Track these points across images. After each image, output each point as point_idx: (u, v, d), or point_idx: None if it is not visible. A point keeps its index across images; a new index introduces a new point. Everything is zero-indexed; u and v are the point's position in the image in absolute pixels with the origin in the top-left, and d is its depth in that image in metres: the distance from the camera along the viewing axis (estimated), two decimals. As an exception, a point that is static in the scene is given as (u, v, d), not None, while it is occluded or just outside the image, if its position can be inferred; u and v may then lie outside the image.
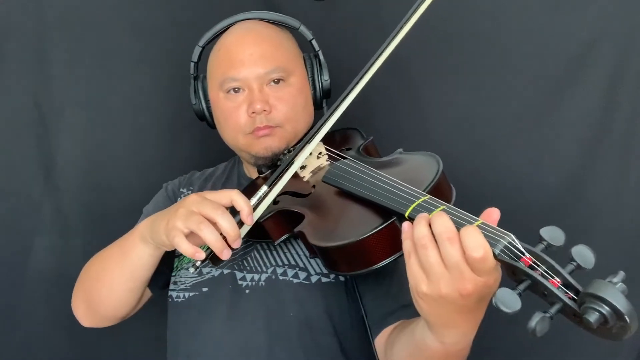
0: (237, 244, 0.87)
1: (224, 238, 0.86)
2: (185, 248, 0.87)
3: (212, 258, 0.88)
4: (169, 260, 1.12)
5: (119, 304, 1.10)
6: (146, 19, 1.46)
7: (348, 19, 1.38)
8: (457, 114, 1.37)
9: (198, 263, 0.89)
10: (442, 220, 0.69)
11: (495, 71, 1.34)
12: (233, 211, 0.89)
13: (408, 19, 0.94)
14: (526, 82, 1.33)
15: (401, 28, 0.94)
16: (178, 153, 1.34)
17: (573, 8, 1.29)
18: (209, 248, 0.86)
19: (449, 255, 0.68)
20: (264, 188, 0.92)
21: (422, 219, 0.72)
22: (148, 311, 1.20)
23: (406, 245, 0.73)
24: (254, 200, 0.91)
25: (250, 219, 0.89)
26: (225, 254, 0.86)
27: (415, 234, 0.71)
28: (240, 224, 0.88)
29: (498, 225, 0.71)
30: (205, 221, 0.86)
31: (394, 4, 1.03)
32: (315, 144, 0.97)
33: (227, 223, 0.86)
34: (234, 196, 0.89)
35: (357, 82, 0.97)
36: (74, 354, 1.52)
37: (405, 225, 0.74)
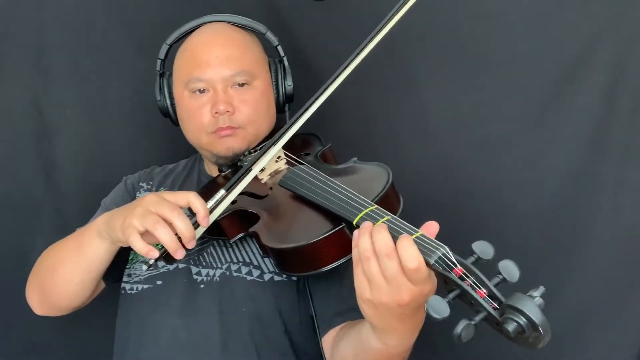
0: (191, 245, 0.89)
1: (180, 238, 0.88)
2: (140, 247, 0.89)
3: (166, 257, 0.91)
4: (125, 253, 1.14)
5: (73, 295, 1.11)
6: (146, 19, 1.46)
7: (348, 19, 1.38)
8: (457, 114, 1.37)
9: (151, 261, 0.92)
10: (381, 236, 0.75)
11: (495, 71, 1.34)
12: (190, 212, 0.91)
13: (384, 25, 0.97)
14: (526, 82, 1.33)
15: (374, 35, 0.97)
16: (179, 153, 1.35)
17: (573, 8, 1.29)
18: (163, 247, 0.89)
19: (388, 269, 0.74)
20: (222, 192, 0.94)
21: (365, 230, 0.77)
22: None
23: (354, 253, 0.78)
24: (211, 203, 0.93)
25: (205, 222, 0.91)
26: (179, 254, 0.88)
27: (359, 246, 0.76)
28: (196, 225, 0.91)
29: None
30: (161, 221, 0.88)
31: (394, 4, 1.05)
32: (277, 150, 1.00)
33: (182, 224, 0.88)
34: (191, 198, 0.91)
35: (324, 90, 0.99)
36: (73, 353, 1.53)
37: (356, 233, 0.79)
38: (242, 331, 1.07)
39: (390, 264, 0.73)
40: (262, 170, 1.09)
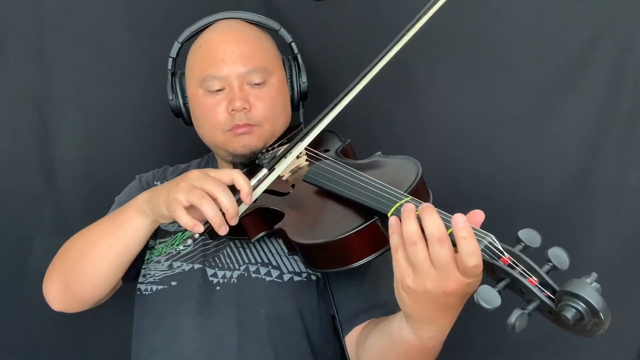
0: (234, 221, 0.89)
1: (224, 215, 0.88)
2: (186, 221, 0.88)
3: (210, 232, 0.91)
4: (142, 252, 1.11)
5: (99, 284, 1.06)
6: (146, 19, 1.45)
7: (348, 19, 1.38)
8: (457, 114, 1.37)
9: (196, 236, 0.91)
10: (433, 220, 0.71)
11: (495, 71, 1.34)
12: (232, 190, 0.90)
13: (410, 28, 0.96)
14: (526, 82, 1.33)
15: (402, 36, 0.96)
16: (180, 153, 1.33)
17: (573, 8, 1.29)
18: (207, 223, 0.89)
19: (438, 255, 0.70)
20: (264, 171, 0.94)
21: (410, 213, 0.73)
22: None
23: (394, 239, 0.75)
24: (253, 181, 0.93)
25: (249, 199, 0.90)
26: (223, 230, 0.88)
27: (405, 230, 0.73)
28: (239, 202, 0.90)
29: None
30: (206, 196, 0.88)
31: (394, 4, 1.04)
32: (314, 136, 0.98)
33: (227, 200, 0.88)
34: (235, 175, 0.90)
35: (353, 87, 0.97)
36: (73, 353, 1.50)
37: (393, 220, 0.75)
38: (260, 334, 1.05)
39: (442, 250, 0.70)
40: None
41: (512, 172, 1.36)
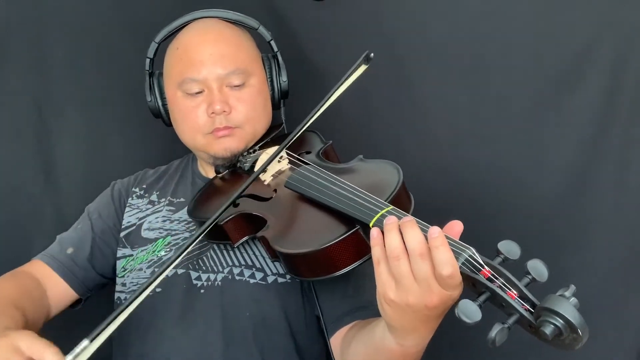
0: None
1: None
2: None
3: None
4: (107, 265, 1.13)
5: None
6: (147, 18, 1.43)
7: (348, 19, 1.37)
8: (456, 115, 1.37)
9: None
10: (414, 234, 0.71)
11: (495, 71, 1.34)
12: None
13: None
14: (526, 82, 1.33)
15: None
16: (180, 153, 1.32)
17: (573, 8, 1.29)
18: None
19: (420, 270, 0.71)
20: (85, 342, 0.81)
21: (393, 227, 0.73)
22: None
23: (376, 252, 0.75)
24: (69, 357, 0.80)
25: None
26: None
27: (387, 245, 0.73)
28: None
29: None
30: None
31: (395, 4, 1.02)
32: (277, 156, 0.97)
33: None
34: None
35: (333, 93, 0.96)
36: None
37: (374, 231, 0.75)
38: (246, 336, 1.05)
39: (423, 265, 0.70)
40: (265, 171, 1.06)
41: (512, 172, 1.36)
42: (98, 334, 0.82)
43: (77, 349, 0.80)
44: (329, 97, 0.94)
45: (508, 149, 1.36)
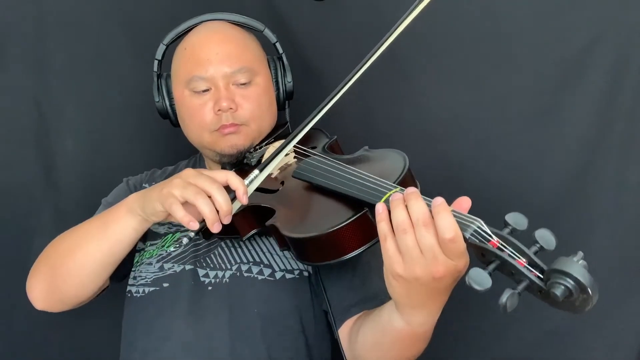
0: (227, 220, 0.90)
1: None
2: (182, 215, 0.89)
3: (204, 232, 0.91)
4: (131, 254, 1.11)
5: (85, 283, 1.05)
6: (146, 18, 1.46)
7: (348, 19, 1.39)
8: (457, 114, 1.38)
9: (191, 234, 0.90)
10: (418, 205, 0.73)
11: (495, 71, 1.34)
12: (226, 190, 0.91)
13: (399, 24, 0.95)
14: (526, 82, 1.34)
15: (391, 34, 0.96)
16: (180, 153, 1.33)
17: (573, 8, 1.30)
18: (202, 221, 0.89)
19: (425, 240, 0.72)
20: (255, 172, 0.95)
21: (399, 202, 0.75)
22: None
23: (382, 227, 0.76)
24: (246, 182, 0.94)
25: (245, 198, 0.91)
26: (216, 227, 0.88)
27: (394, 219, 0.74)
28: (233, 201, 0.91)
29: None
30: (202, 192, 0.88)
31: (395, 4, 1.04)
32: (304, 134, 0.99)
33: (222, 197, 0.88)
34: (230, 176, 0.91)
35: (344, 86, 0.98)
36: (73, 353, 1.50)
37: (380, 207, 0.77)
38: (254, 333, 1.05)
39: (427, 234, 0.71)
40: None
41: (512, 171, 1.36)
42: (266, 165, 0.96)
43: (252, 175, 0.95)
44: (361, 66, 0.97)
45: (508, 148, 1.36)
